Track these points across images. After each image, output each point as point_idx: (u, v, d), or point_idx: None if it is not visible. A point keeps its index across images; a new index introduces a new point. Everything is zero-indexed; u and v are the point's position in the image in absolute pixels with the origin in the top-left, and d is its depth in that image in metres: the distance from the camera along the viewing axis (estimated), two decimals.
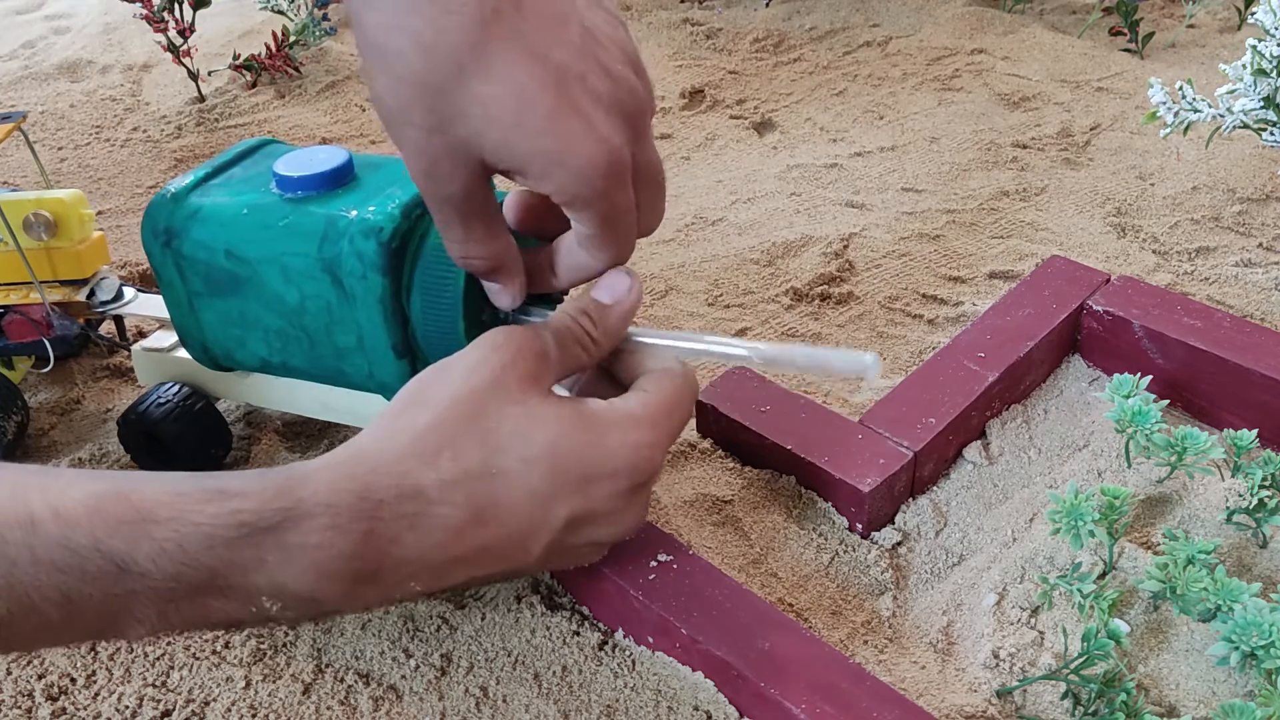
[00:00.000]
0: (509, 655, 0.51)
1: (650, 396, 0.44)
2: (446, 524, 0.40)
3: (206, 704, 0.49)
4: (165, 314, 0.55)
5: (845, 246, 0.84)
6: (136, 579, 0.36)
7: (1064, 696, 0.48)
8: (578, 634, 0.52)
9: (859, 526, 0.57)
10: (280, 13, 1.24)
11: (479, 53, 0.37)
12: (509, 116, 0.38)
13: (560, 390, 0.47)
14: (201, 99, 1.13)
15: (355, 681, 0.50)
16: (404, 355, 0.50)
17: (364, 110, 1.12)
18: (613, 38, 0.41)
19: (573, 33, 0.39)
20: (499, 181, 0.44)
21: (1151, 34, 1.15)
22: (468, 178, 0.40)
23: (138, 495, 0.37)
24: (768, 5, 1.30)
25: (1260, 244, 0.82)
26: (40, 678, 0.51)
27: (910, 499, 0.59)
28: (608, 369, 0.48)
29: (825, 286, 0.79)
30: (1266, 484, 0.54)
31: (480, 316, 0.49)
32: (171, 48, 1.09)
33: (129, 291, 0.66)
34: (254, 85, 1.16)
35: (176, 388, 0.61)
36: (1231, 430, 0.57)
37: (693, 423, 0.65)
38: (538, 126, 0.38)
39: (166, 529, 0.36)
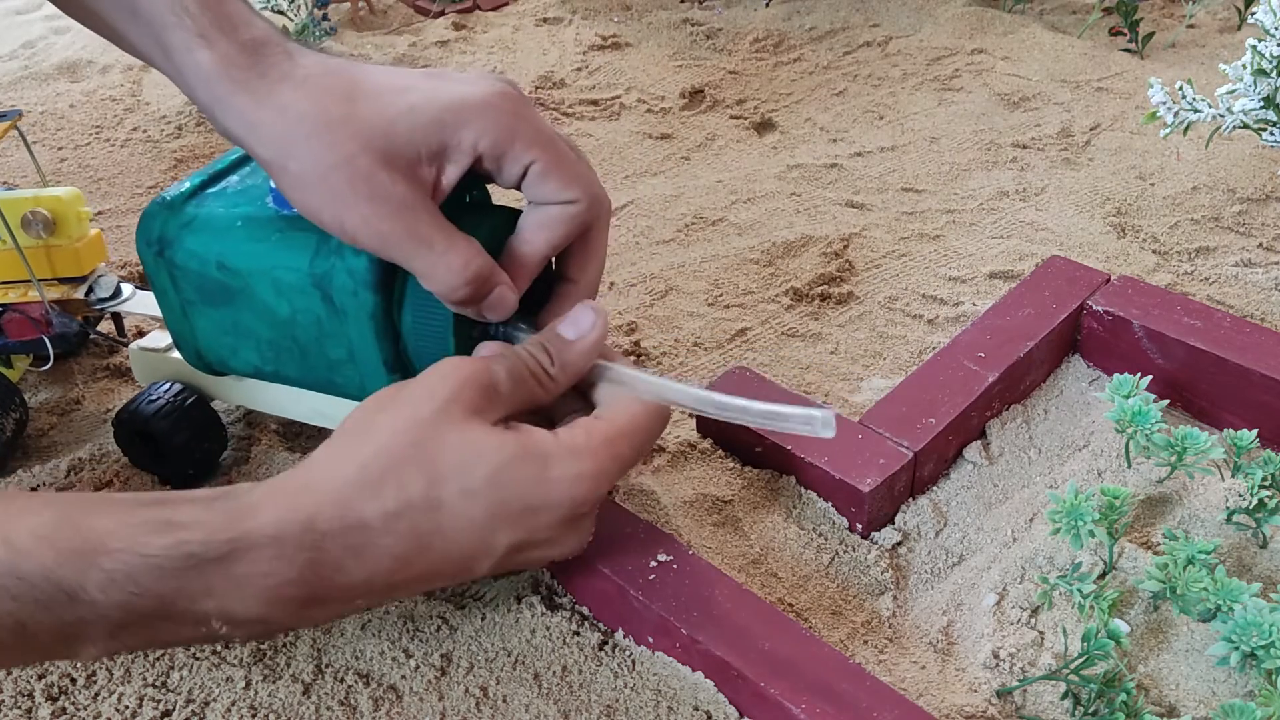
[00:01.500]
0: (509, 655, 0.51)
1: (598, 425, 0.45)
2: (390, 553, 0.41)
3: (206, 704, 0.49)
4: None
5: (845, 246, 0.84)
6: (86, 606, 0.37)
7: (1064, 696, 0.48)
8: (578, 634, 0.52)
9: (859, 526, 0.57)
10: (280, 13, 1.24)
11: (359, 80, 0.45)
12: (402, 106, 0.43)
13: None
14: None
15: (355, 681, 0.50)
16: (395, 369, 0.50)
17: None
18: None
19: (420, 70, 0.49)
20: None
21: (1151, 34, 1.15)
22: (405, 181, 0.43)
23: (88, 525, 0.38)
24: (768, 5, 1.30)
25: (1260, 244, 0.82)
26: (40, 678, 0.50)
27: (910, 499, 0.59)
28: (585, 395, 0.48)
29: (825, 286, 0.79)
30: (1266, 484, 0.54)
31: (471, 331, 0.49)
32: None
33: (127, 288, 0.66)
34: None
35: (168, 385, 0.61)
36: (1231, 430, 0.57)
37: (692, 423, 0.65)
38: (430, 90, 0.44)
39: (115, 560, 0.38)
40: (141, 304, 0.65)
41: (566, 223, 0.47)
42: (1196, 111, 0.78)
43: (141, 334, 0.73)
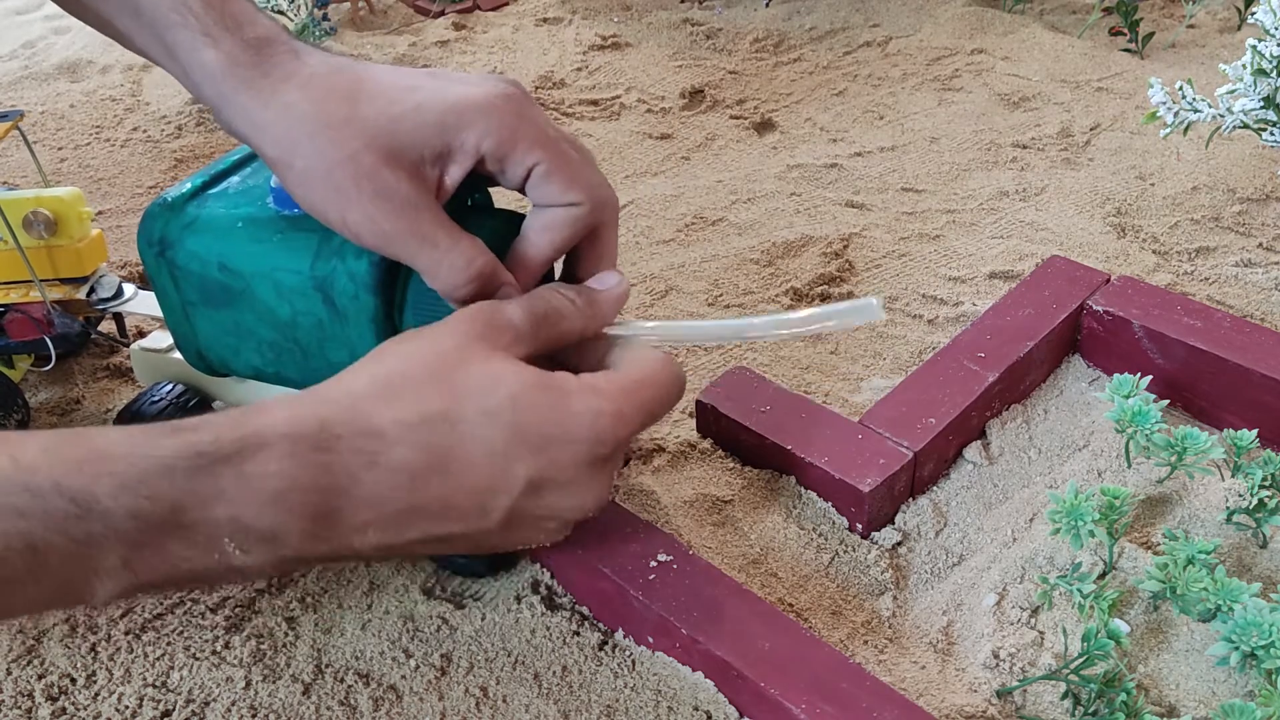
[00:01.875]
0: (509, 655, 0.51)
1: (616, 374, 0.45)
2: (404, 466, 0.40)
3: (206, 704, 0.49)
4: None
5: (845, 246, 0.84)
6: (98, 518, 0.36)
7: (1064, 696, 0.48)
8: (578, 634, 0.52)
9: (859, 526, 0.57)
10: (280, 13, 1.24)
11: (362, 80, 0.45)
12: (406, 105, 0.43)
13: None
14: None
15: (355, 681, 0.50)
16: None
17: None
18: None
19: (425, 70, 0.47)
20: None
21: (1151, 34, 1.15)
22: (409, 179, 0.43)
23: (96, 438, 0.38)
24: (768, 5, 1.30)
25: (1260, 244, 0.82)
26: (40, 678, 0.51)
27: (910, 499, 0.59)
28: (599, 364, 0.48)
29: (825, 286, 0.79)
30: (1266, 484, 0.54)
31: None
32: None
33: (129, 289, 0.66)
34: None
35: (170, 387, 0.61)
36: (1231, 430, 0.57)
37: (692, 423, 0.65)
38: (434, 91, 0.44)
39: (125, 464, 0.37)
40: (143, 304, 0.65)
41: (570, 225, 0.47)
42: (1196, 111, 0.78)
43: (142, 334, 0.73)
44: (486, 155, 0.44)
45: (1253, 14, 0.75)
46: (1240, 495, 0.55)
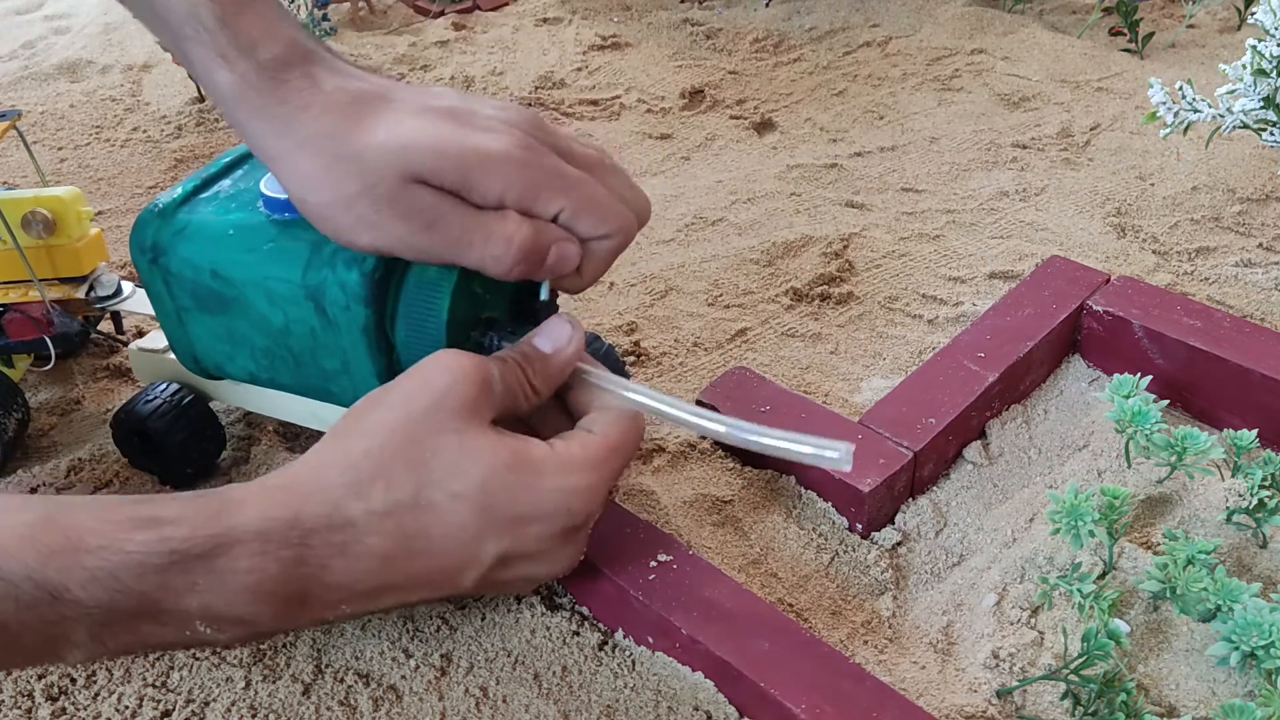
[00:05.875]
0: (509, 655, 0.51)
1: (594, 439, 0.45)
2: (375, 552, 0.41)
3: (206, 704, 0.49)
4: None
5: (845, 246, 0.84)
6: (70, 605, 0.37)
7: (1064, 696, 0.48)
8: (578, 634, 0.52)
9: (859, 526, 0.57)
10: None
11: (381, 112, 0.43)
12: (426, 141, 0.42)
13: None
14: (201, 99, 1.13)
15: (355, 681, 0.50)
16: (389, 381, 0.49)
17: None
18: (484, 100, 0.46)
19: (449, 96, 0.45)
20: None
21: (1151, 34, 1.15)
22: (429, 190, 0.43)
23: (70, 523, 0.38)
24: (768, 5, 1.30)
25: (1260, 244, 0.82)
26: (40, 678, 0.51)
27: (910, 499, 0.59)
28: (562, 398, 0.48)
29: (825, 286, 0.79)
30: (1266, 484, 0.54)
31: (464, 343, 0.48)
32: None
33: (127, 287, 0.66)
34: None
35: (166, 386, 0.61)
36: (1231, 430, 0.57)
37: None
38: (454, 135, 0.43)
39: (98, 557, 0.37)
40: (142, 303, 0.65)
41: (605, 256, 0.47)
42: (1196, 111, 0.78)
43: (141, 333, 0.73)
44: (509, 204, 0.44)
45: (1253, 14, 0.75)
46: (1240, 495, 0.55)
